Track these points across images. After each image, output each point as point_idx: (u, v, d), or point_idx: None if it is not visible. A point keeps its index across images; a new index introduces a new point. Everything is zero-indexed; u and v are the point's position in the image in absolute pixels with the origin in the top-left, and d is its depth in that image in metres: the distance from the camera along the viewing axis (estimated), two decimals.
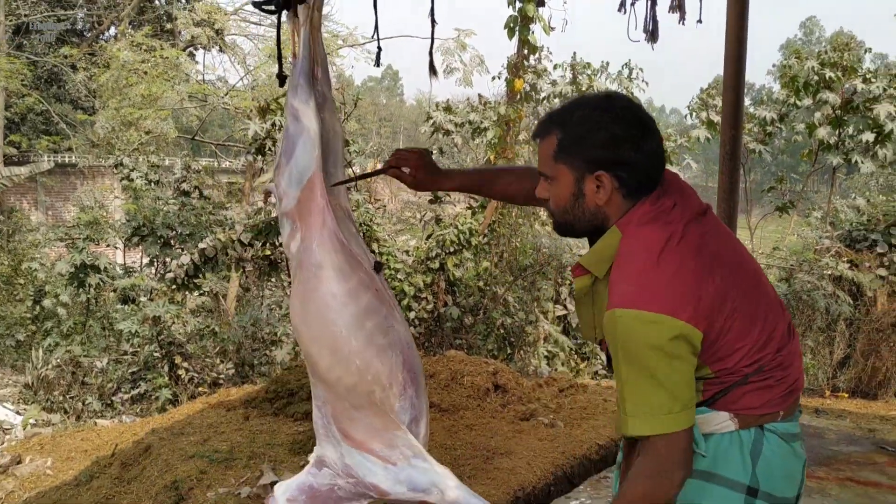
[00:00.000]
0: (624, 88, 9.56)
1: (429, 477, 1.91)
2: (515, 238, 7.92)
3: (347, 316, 1.91)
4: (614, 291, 1.59)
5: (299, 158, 2.00)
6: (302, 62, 2.03)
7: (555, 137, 1.70)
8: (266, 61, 12.60)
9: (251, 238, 7.28)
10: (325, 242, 1.96)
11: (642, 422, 1.54)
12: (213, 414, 5.16)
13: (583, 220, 1.71)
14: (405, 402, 1.96)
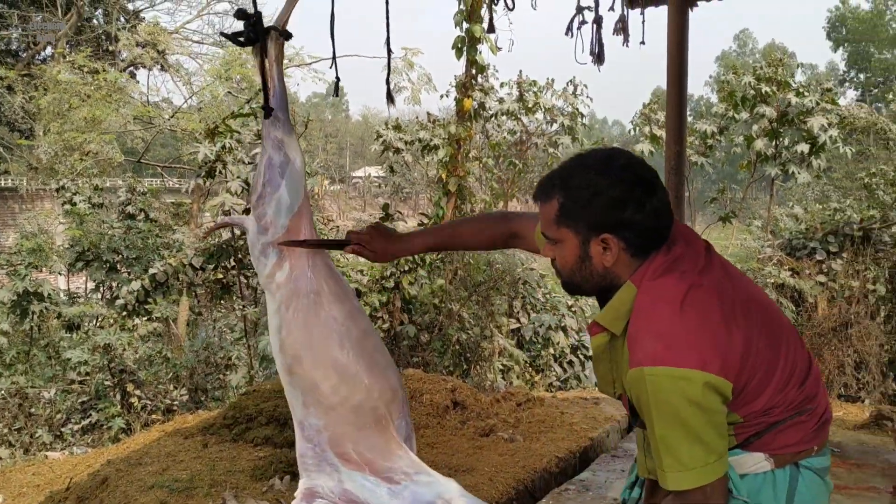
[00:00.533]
0: (569, 104, 9.75)
1: (433, 490, 1.93)
2: (468, 255, 7.99)
3: (353, 337, 1.95)
4: (638, 348, 1.56)
5: (288, 188, 2.04)
6: (280, 95, 2.07)
7: (556, 201, 1.66)
8: (212, 82, 12.51)
9: (203, 262, 7.19)
10: (319, 269, 2.00)
11: (682, 476, 1.52)
12: (170, 442, 5.08)
13: (591, 281, 1.68)
14: (402, 420, 2.01)
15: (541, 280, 9.50)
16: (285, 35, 2.05)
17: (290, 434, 4.83)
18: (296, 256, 2.02)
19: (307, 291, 1.99)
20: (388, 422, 1.96)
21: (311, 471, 2.04)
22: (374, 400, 1.95)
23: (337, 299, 1.99)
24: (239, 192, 6.88)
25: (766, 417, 1.62)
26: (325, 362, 1.95)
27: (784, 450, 1.64)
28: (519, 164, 9.60)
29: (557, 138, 9.68)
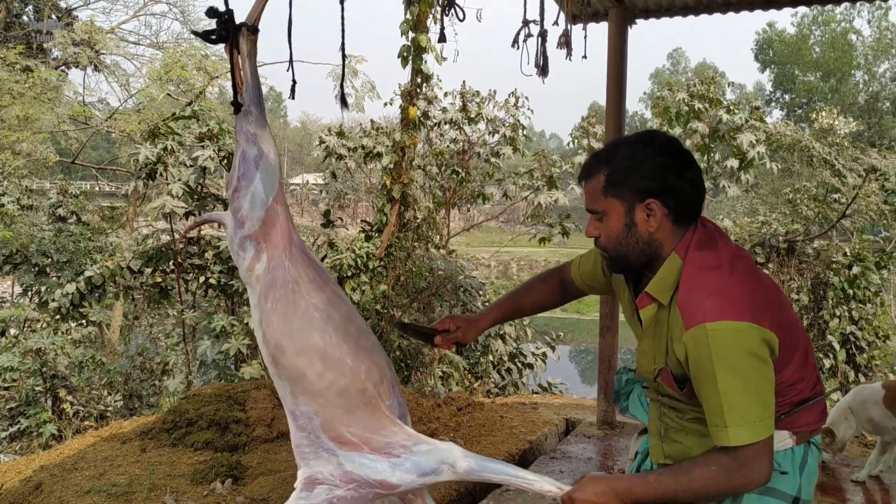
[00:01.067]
0: (511, 116, 9.92)
1: (435, 457, 1.93)
2: (410, 261, 8.05)
3: (334, 322, 1.97)
4: (696, 308, 1.65)
5: (263, 180, 2.06)
6: (253, 90, 2.10)
7: (602, 174, 1.79)
8: (151, 84, 12.26)
9: (141, 265, 7.06)
10: (296, 257, 2.03)
11: (741, 430, 1.60)
12: (106, 447, 4.99)
13: (636, 249, 1.78)
14: (393, 400, 2.03)
15: (481, 288, 9.61)
16: (254, 30, 2.09)
17: (231, 438, 4.83)
18: (273, 247, 2.04)
19: (285, 281, 2.00)
20: (378, 402, 1.98)
21: (308, 459, 2.03)
22: (361, 382, 1.95)
23: (316, 286, 2.01)
24: (180, 194, 6.78)
25: (792, 395, 1.76)
26: (307, 349, 1.95)
27: (804, 427, 1.80)
28: (462, 173, 9.71)
29: (499, 149, 9.84)
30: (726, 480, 1.64)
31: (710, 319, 1.62)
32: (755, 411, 1.61)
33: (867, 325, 8.19)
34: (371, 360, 2.01)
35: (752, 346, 1.62)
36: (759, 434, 1.61)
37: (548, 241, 10.09)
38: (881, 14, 48.06)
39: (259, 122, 2.09)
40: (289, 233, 2.07)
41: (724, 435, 1.62)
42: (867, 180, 8.74)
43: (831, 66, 47.90)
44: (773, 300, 1.74)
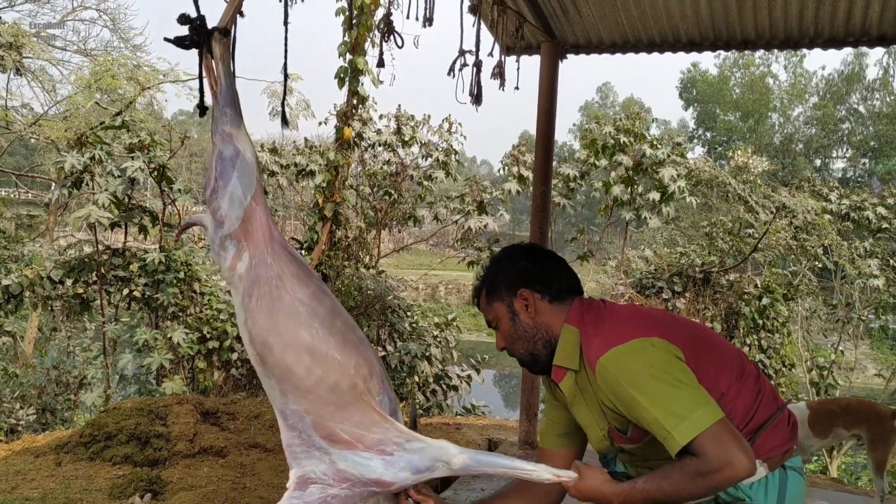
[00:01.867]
0: (444, 141, 10.09)
1: (428, 454, 1.94)
2: (340, 280, 8.07)
3: (320, 316, 1.96)
4: (590, 355, 1.82)
5: (239, 179, 2.06)
6: (227, 91, 2.13)
7: (483, 291, 2.11)
8: (78, 92, 11.92)
9: (62, 275, 6.87)
10: (279, 254, 2.02)
11: (685, 428, 1.63)
12: (18, 461, 4.84)
13: (531, 338, 1.99)
14: (384, 395, 2.01)
15: (409, 309, 9.68)
16: (224, 32, 2.12)
17: (152, 452, 4.77)
18: (254, 244, 2.02)
19: (269, 277, 1.98)
20: (369, 397, 1.93)
21: (300, 458, 1.99)
22: (350, 377, 1.93)
23: (300, 282, 1.99)
24: (107, 204, 6.64)
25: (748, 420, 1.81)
26: (294, 345, 1.93)
27: (773, 451, 1.83)
28: (394, 195, 9.80)
29: (432, 172, 9.98)
30: (703, 478, 1.64)
31: (600, 354, 1.78)
32: (686, 405, 1.65)
33: (775, 353, 8.61)
34: (359, 354, 1.99)
35: (647, 353, 1.74)
36: (702, 423, 1.63)
37: (476, 265, 10.25)
38: (797, 61, 50.68)
39: (234, 123, 2.11)
40: (269, 230, 2.06)
41: (674, 441, 1.65)
42: (777, 217, 9.23)
43: (750, 107, 50.14)
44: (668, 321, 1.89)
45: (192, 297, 7.26)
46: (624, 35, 5.64)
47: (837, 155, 50.10)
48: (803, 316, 10.15)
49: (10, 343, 8.14)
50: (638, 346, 1.76)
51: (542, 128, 5.55)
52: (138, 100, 11.73)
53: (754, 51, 5.81)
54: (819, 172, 45.41)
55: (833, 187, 11.18)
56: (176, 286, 7.14)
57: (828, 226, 9.24)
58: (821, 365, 9.62)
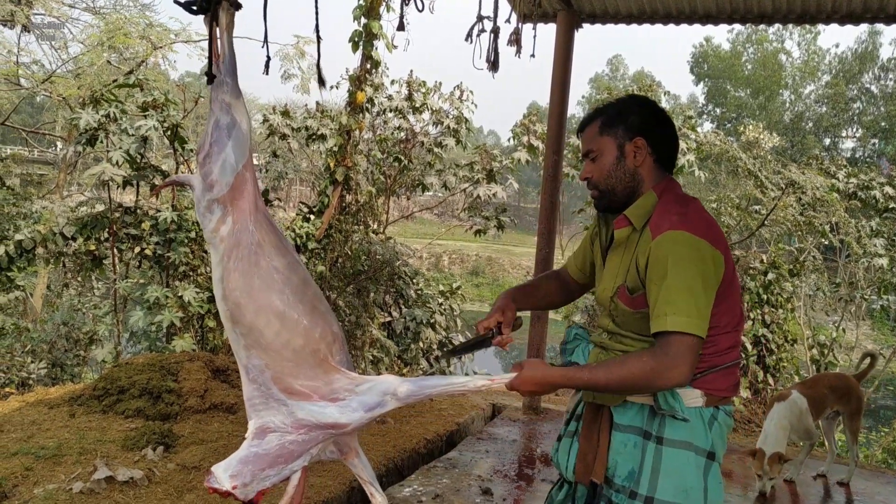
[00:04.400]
0: (455, 108, 10.06)
1: (376, 391, 2.09)
2: (349, 244, 8.11)
3: (293, 284, 2.09)
4: (663, 222, 1.94)
5: (233, 148, 2.16)
6: (229, 61, 2.19)
7: (598, 120, 2.13)
8: (90, 50, 11.87)
9: (74, 232, 6.92)
10: (261, 222, 2.14)
11: (679, 318, 1.83)
12: (33, 412, 4.94)
13: (623, 182, 2.08)
14: (342, 356, 2.17)
15: (416, 276, 9.74)
16: (235, 5, 2.17)
17: (164, 407, 4.86)
18: (239, 211, 2.14)
19: (249, 243, 2.10)
20: (329, 358, 2.11)
21: (259, 410, 2.14)
22: (315, 342, 2.07)
23: (277, 251, 2.12)
24: (120, 162, 6.67)
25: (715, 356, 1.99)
26: (266, 309, 2.05)
27: (716, 392, 2.02)
28: (404, 161, 9.81)
29: (442, 139, 9.97)
30: (652, 369, 1.84)
31: (674, 228, 1.91)
32: (693, 309, 1.85)
33: (778, 329, 8.67)
34: (325, 322, 2.14)
35: (704, 256, 1.89)
36: (692, 328, 1.84)
37: (483, 234, 10.29)
38: (811, 38, 50.11)
39: (233, 93, 2.18)
40: (255, 199, 2.17)
41: (662, 322, 1.86)
42: (786, 193, 9.22)
43: (761, 83, 49.70)
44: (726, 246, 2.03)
45: (202, 257, 7.32)
46: (640, 5, 5.62)
47: (847, 135, 49.73)
48: (806, 293, 10.19)
49: (22, 298, 8.22)
50: (702, 247, 1.90)
51: (556, 96, 5.55)
52: (150, 59, 11.70)
53: (770, 24, 5.78)
54: (828, 151, 45.17)
55: (841, 165, 11.14)
56: (187, 245, 7.20)
57: (836, 203, 9.23)
58: (822, 343, 9.70)
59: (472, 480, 4.36)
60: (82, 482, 3.81)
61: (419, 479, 4.35)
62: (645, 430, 2.02)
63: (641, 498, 1.98)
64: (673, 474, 1.96)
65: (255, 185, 2.19)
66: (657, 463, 1.98)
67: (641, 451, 2.01)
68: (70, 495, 3.70)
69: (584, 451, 2.14)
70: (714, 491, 2.00)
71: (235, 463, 2.18)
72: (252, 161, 2.21)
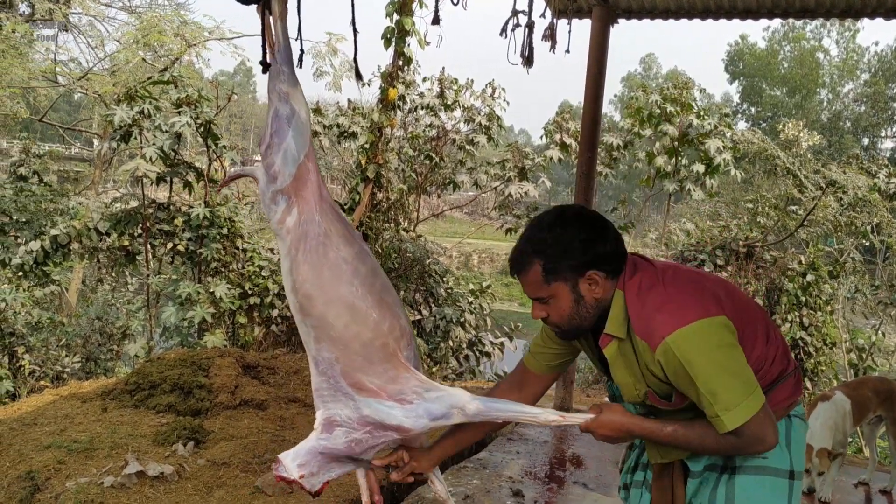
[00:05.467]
0: (487, 105, 10.00)
1: (445, 402, 2.04)
2: (380, 242, 8.09)
3: (361, 276, 2.05)
4: (652, 329, 1.80)
5: (294, 138, 2.13)
6: (284, 49, 2.16)
7: (537, 265, 1.91)
8: (126, 48, 12.01)
9: (109, 227, 6.99)
10: (327, 212, 2.10)
11: (734, 414, 1.73)
12: (66, 405, 4.98)
13: (589, 316, 1.93)
14: (410, 352, 2.12)
15: (446, 274, 9.70)
16: None
17: (194, 402, 4.86)
18: (304, 202, 2.10)
19: (316, 234, 2.07)
20: (398, 354, 2.05)
21: (327, 401, 2.09)
22: (384, 336, 2.03)
23: (345, 241, 2.08)
24: (154, 159, 6.72)
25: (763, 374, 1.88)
26: (336, 300, 2.02)
27: (780, 404, 1.92)
28: (436, 158, 9.77)
29: (474, 137, 9.91)
30: (737, 447, 1.80)
31: (668, 333, 1.76)
32: (739, 393, 1.74)
33: (816, 331, 8.48)
34: (393, 314, 2.08)
35: (712, 336, 1.76)
36: (750, 411, 1.74)
37: (514, 232, 10.21)
38: (850, 36, 49.20)
39: (291, 82, 2.15)
40: (319, 188, 2.13)
41: (721, 424, 1.75)
42: (826, 193, 9.02)
43: (798, 82, 48.89)
44: (714, 290, 1.89)
45: (234, 254, 7.36)
46: (678, 0, 5.51)
47: (887, 134, 48.75)
48: (845, 296, 9.96)
49: (57, 293, 8.33)
50: (704, 329, 1.77)
51: (591, 93, 5.47)
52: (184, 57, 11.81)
53: (813, 19, 5.65)
54: (866, 151, 44.29)
55: (882, 165, 10.88)
56: (219, 242, 7.24)
57: (879, 203, 9.01)
58: (860, 347, 9.47)
59: (503, 482, 4.30)
60: (113, 476, 3.82)
61: (449, 480, 4.30)
62: (719, 465, 1.94)
63: None
64: (747, 501, 1.88)
65: (318, 175, 2.16)
66: (731, 494, 1.89)
67: (713, 485, 1.93)
68: (101, 489, 3.71)
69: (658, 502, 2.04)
70: None
71: (304, 453, 2.15)
72: (313, 151, 2.17)
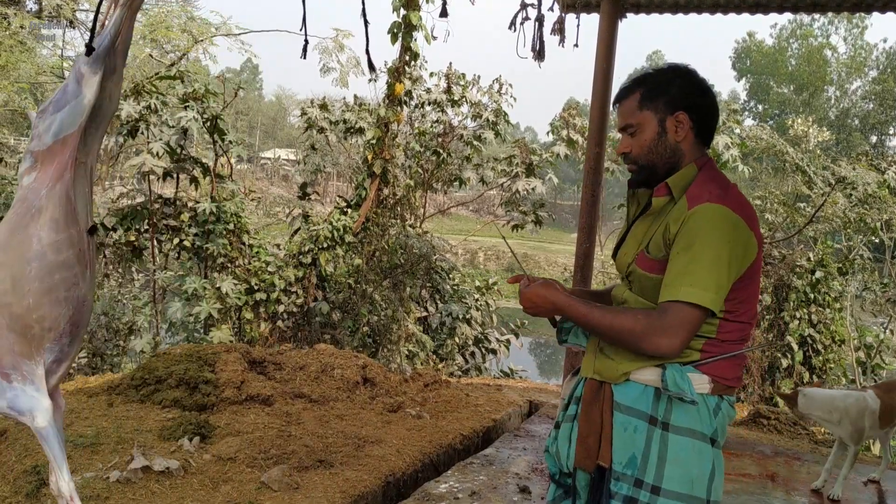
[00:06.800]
0: (493, 101, 9.96)
1: (30, 402, 2.21)
2: (386, 238, 8.07)
3: (43, 262, 2.18)
4: (703, 193, 1.87)
5: (66, 116, 2.24)
6: (106, 37, 2.21)
7: (637, 93, 2.03)
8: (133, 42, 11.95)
9: (115, 223, 6.99)
10: (55, 194, 2.22)
11: (693, 290, 1.79)
12: (73, 400, 4.97)
13: (664, 157, 2.00)
14: (56, 346, 2.25)
15: (451, 271, 9.68)
16: None
17: (200, 398, 4.86)
18: (43, 172, 2.23)
19: (32, 204, 2.19)
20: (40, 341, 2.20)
21: None
22: (32, 320, 2.17)
23: (53, 226, 2.20)
24: (161, 154, 6.72)
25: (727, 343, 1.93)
26: (7, 266, 2.16)
27: (722, 380, 1.95)
28: (442, 154, 9.74)
29: (481, 132, 9.88)
30: (643, 328, 1.84)
31: (713, 201, 1.85)
32: (712, 283, 1.80)
33: (825, 328, 8.43)
34: (53, 308, 2.20)
35: (737, 235, 1.84)
36: (704, 300, 1.79)
37: (520, 230, 10.19)
38: (857, 33, 48.96)
39: (94, 68, 2.22)
40: (62, 171, 2.24)
41: (675, 291, 1.82)
42: (835, 189, 8.96)
43: (805, 79, 48.69)
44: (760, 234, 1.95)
45: (240, 249, 7.35)
46: None
47: (895, 132, 48.52)
48: (854, 294, 9.90)
49: None
50: (739, 225, 1.84)
51: (599, 88, 5.42)
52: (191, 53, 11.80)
53: (824, 13, 5.59)
54: (874, 149, 44.08)
55: (892, 162, 10.80)
56: (225, 237, 7.23)
57: (889, 199, 8.94)
58: (868, 344, 9.41)
59: (510, 478, 4.28)
60: (119, 471, 3.82)
61: (455, 476, 4.28)
62: (651, 416, 1.92)
63: (648, 486, 1.89)
64: (680, 463, 1.89)
65: (70, 158, 2.27)
66: (664, 450, 1.90)
67: (646, 437, 1.92)
68: (107, 484, 3.70)
69: (584, 434, 2.02)
70: (718, 479, 1.94)
71: None
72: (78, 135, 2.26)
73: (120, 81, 2.38)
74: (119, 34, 2.25)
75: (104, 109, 2.32)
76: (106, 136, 11.04)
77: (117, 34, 2.25)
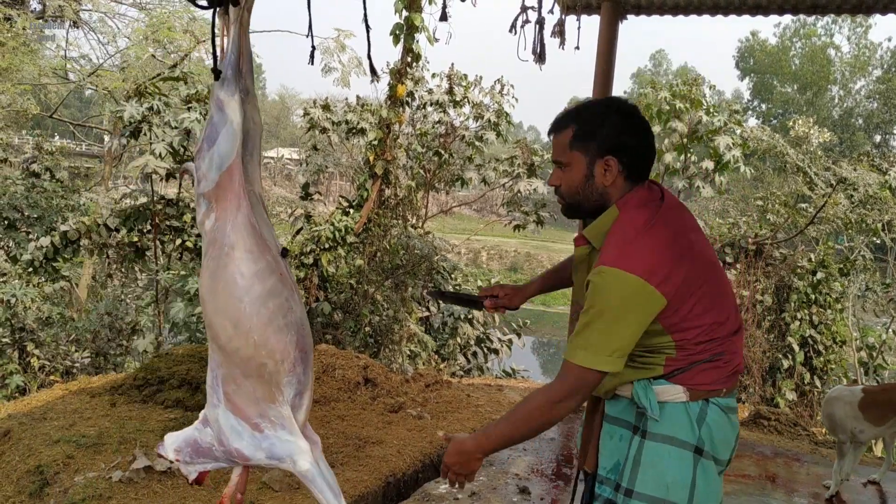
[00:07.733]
0: (495, 102, 9.97)
1: (288, 448, 2.13)
2: (387, 238, 8.09)
3: (252, 295, 2.10)
4: (608, 250, 1.87)
5: (221, 146, 2.16)
6: (230, 57, 2.18)
7: (570, 129, 2.01)
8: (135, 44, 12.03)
9: (118, 223, 7.02)
10: (239, 226, 2.14)
11: (583, 353, 1.82)
12: (75, 400, 5.01)
13: (590, 199, 2.00)
14: (293, 377, 2.17)
15: (454, 270, 9.69)
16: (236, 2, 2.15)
17: (202, 398, 4.87)
18: (221, 210, 2.16)
19: (222, 244, 2.13)
20: (277, 377, 2.13)
21: (210, 399, 2.23)
22: (262, 357, 2.10)
23: (250, 257, 2.13)
24: (163, 154, 6.75)
25: (692, 354, 1.92)
26: (223, 312, 2.10)
27: (699, 387, 1.94)
28: (444, 155, 9.76)
29: (483, 133, 9.90)
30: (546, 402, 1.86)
31: (609, 264, 1.83)
32: (603, 346, 1.82)
33: (826, 329, 8.43)
34: (278, 338, 2.14)
35: (627, 294, 1.81)
36: (594, 363, 1.82)
37: (522, 229, 10.20)
38: (861, 32, 48.85)
39: (229, 90, 2.17)
40: (238, 201, 2.16)
41: (572, 353, 1.85)
42: (836, 190, 8.96)
43: (809, 79, 48.60)
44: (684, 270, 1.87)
45: None
46: None
47: None
48: (855, 294, 9.90)
49: (67, 288, 8.37)
50: (630, 286, 1.81)
51: (599, 90, 5.44)
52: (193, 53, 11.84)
53: (824, 15, 5.59)
54: (878, 148, 43.99)
55: (894, 162, 10.79)
56: None
57: (890, 200, 8.93)
58: (870, 345, 9.41)
59: (509, 479, 4.30)
60: (121, 471, 3.84)
61: None
62: (634, 425, 1.99)
63: (622, 490, 1.96)
64: (652, 467, 1.93)
65: (241, 187, 2.19)
66: (638, 455, 1.95)
67: (628, 444, 1.99)
68: (109, 484, 3.73)
69: (585, 440, 2.17)
70: (704, 488, 1.94)
71: (182, 439, 2.25)
72: (240, 162, 2.21)
73: (255, 103, 2.31)
74: (241, 53, 2.21)
75: (251, 134, 2.26)
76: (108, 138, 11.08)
77: (239, 53, 2.20)
